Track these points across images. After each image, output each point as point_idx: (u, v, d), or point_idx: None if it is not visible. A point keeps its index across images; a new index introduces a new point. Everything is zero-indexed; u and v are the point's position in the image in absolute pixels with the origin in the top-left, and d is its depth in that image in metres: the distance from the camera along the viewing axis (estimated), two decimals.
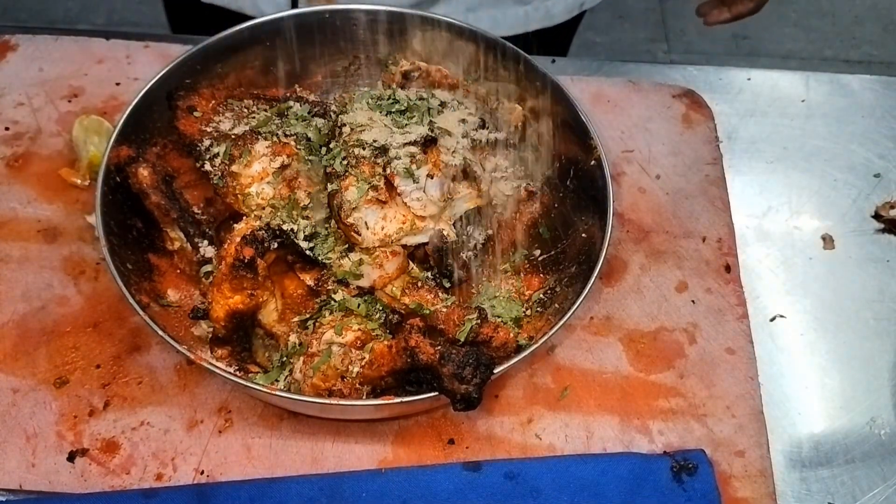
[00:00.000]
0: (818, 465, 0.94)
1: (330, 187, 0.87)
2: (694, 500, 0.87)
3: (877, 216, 1.13)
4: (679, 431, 0.93)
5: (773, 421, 0.95)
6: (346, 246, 0.89)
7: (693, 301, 1.03)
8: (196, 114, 0.94)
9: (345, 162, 0.87)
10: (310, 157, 0.92)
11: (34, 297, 0.97)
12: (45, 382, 0.92)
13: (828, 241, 1.11)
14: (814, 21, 3.06)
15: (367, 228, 0.86)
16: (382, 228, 0.86)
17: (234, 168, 0.89)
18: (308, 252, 0.87)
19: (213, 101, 0.96)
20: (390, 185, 0.86)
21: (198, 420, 0.90)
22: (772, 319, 1.04)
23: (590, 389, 0.95)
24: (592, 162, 0.95)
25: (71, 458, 0.87)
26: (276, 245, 0.84)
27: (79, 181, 1.06)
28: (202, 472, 0.87)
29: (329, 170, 0.88)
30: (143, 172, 0.89)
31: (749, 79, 1.28)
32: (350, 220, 0.85)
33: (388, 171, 0.85)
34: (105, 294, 0.98)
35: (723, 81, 1.28)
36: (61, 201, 1.05)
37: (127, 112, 0.93)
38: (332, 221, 0.90)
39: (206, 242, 0.92)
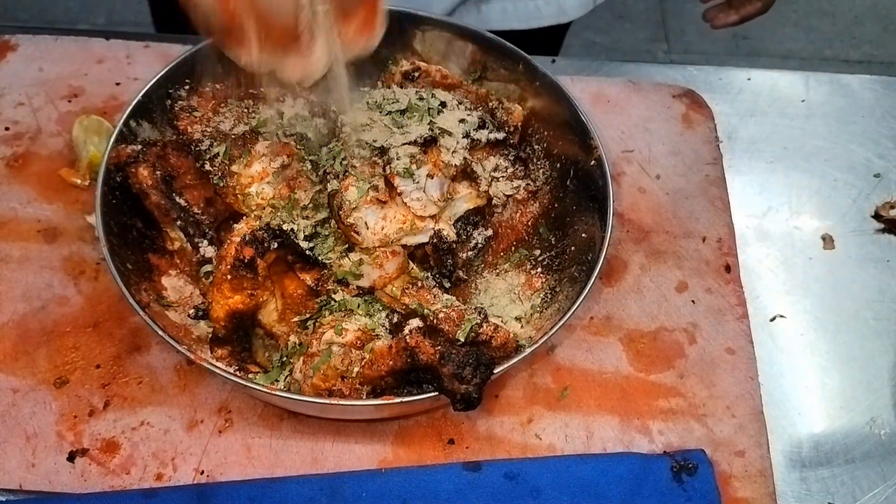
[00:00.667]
0: (818, 465, 0.94)
1: (330, 187, 0.87)
2: (694, 500, 0.87)
3: (877, 216, 1.13)
4: (679, 431, 0.93)
5: (773, 421, 0.95)
6: (346, 246, 0.89)
7: (693, 301, 1.03)
8: (196, 114, 0.94)
9: (345, 162, 0.87)
10: (310, 157, 0.92)
11: (34, 297, 0.97)
12: (45, 382, 0.92)
13: (828, 241, 1.11)
14: (814, 21, 3.06)
15: (367, 228, 0.86)
16: (382, 228, 0.86)
17: (234, 168, 0.89)
18: (308, 252, 0.87)
19: (213, 101, 0.96)
20: (390, 185, 0.86)
21: (198, 420, 0.90)
22: (772, 319, 1.04)
23: (590, 389, 0.95)
24: (592, 162, 0.95)
25: (71, 458, 0.87)
26: (276, 245, 0.84)
27: (79, 181, 1.06)
28: (202, 472, 0.87)
29: (329, 170, 0.88)
30: (143, 172, 0.89)
31: (749, 79, 1.28)
32: (350, 220, 0.85)
33: (388, 171, 0.85)
34: (105, 294, 0.98)
35: (723, 81, 1.28)
36: (61, 201, 1.05)
37: (127, 112, 0.93)
38: (332, 221, 0.90)
39: (205, 242, 0.92)
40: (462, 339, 0.84)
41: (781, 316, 1.05)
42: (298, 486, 0.85)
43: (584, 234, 0.95)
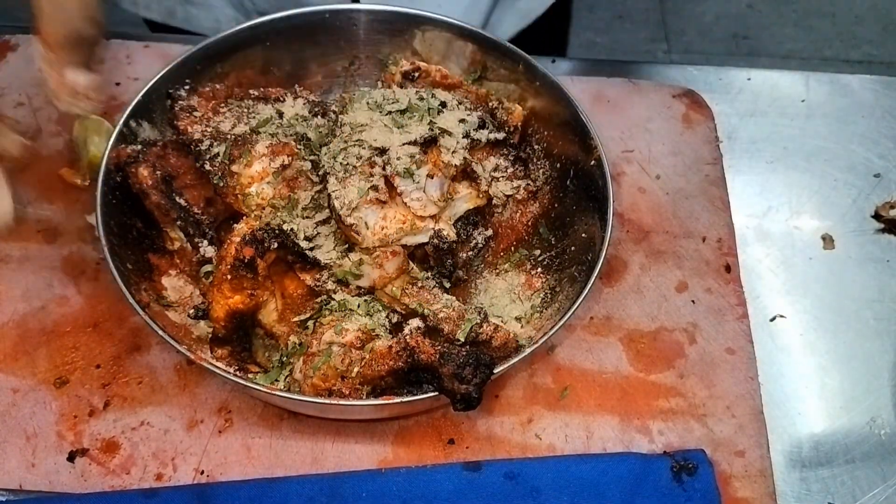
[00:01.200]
0: (818, 465, 0.94)
1: (329, 187, 0.87)
2: (694, 500, 0.87)
3: (877, 216, 1.13)
4: (679, 431, 0.93)
5: (773, 421, 0.95)
6: (346, 246, 0.89)
7: (693, 301, 1.03)
8: (196, 114, 0.94)
9: (345, 162, 0.87)
10: (310, 158, 0.92)
11: (34, 297, 0.97)
12: (45, 382, 0.92)
13: (828, 241, 1.11)
14: (814, 21, 3.06)
15: (367, 228, 0.86)
16: (382, 229, 0.86)
17: (234, 168, 0.89)
18: (308, 252, 0.87)
19: (214, 101, 0.96)
20: (390, 185, 0.86)
21: (198, 420, 0.90)
22: (772, 319, 1.04)
23: (590, 389, 0.95)
24: (592, 162, 0.95)
25: (71, 458, 0.87)
26: (275, 245, 0.84)
27: (79, 181, 1.06)
28: (202, 472, 0.87)
29: (329, 170, 0.88)
30: (143, 172, 0.89)
31: (749, 79, 1.28)
32: (350, 220, 0.85)
33: (388, 171, 0.85)
34: (105, 294, 0.98)
35: (723, 81, 1.28)
36: (61, 201, 1.05)
37: (127, 112, 0.93)
38: (333, 221, 0.89)
39: (205, 242, 0.92)
40: (462, 339, 0.84)
41: (781, 316, 1.05)
42: (298, 486, 0.85)
43: (584, 234, 0.95)
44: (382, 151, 0.87)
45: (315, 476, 0.87)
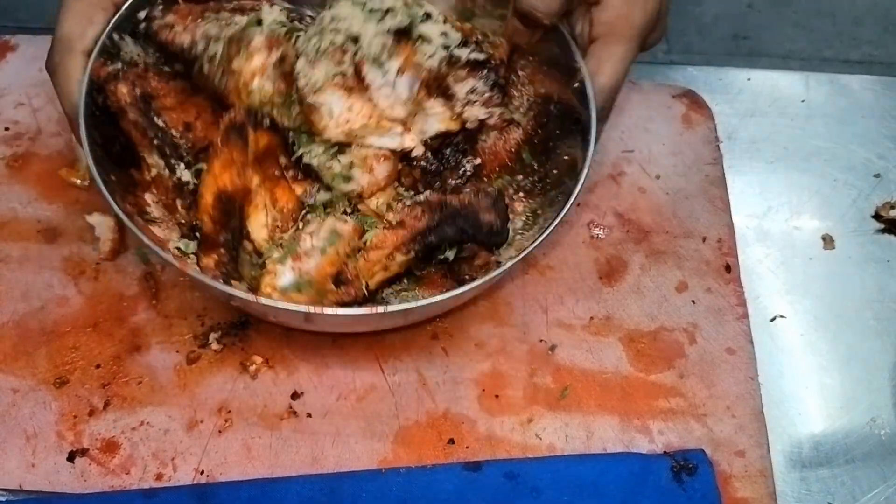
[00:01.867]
0: (818, 465, 0.94)
1: (297, 66, 0.86)
2: (694, 500, 0.87)
3: (877, 216, 1.13)
4: (679, 431, 0.93)
5: (773, 421, 0.95)
6: (336, 148, 0.89)
7: (693, 301, 1.03)
8: (176, 29, 0.92)
9: (318, 46, 0.86)
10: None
11: (34, 297, 0.97)
12: (45, 382, 0.92)
13: (828, 241, 1.11)
14: (814, 21, 3.06)
15: (332, 117, 0.85)
16: (347, 122, 0.86)
17: (234, 66, 0.88)
18: (294, 145, 0.88)
19: (190, 17, 0.93)
20: (359, 75, 0.85)
21: (198, 420, 0.90)
22: (772, 319, 1.04)
23: (590, 389, 0.95)
24: (576, 84, 0.93)
25: (71, 458, 0.87)
26: (268, 123, 0.85)
27: (79, 181, 1.06)
28: (202, 472, 0.87)
29: (300, 51, 0.87)
30: (123, 90, 0.87)
31: (749, 79, 1.28)
32: (313, 99, 0.85)
33: (359, 55, 0.85)
34: (105, 294, 0.98)
35: (723, 81, 1.28)
36: (61, 201, 1.05)
37: (110, 25, 0.89)
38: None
39: (182, 166, 0.90)
40: (451, 258, 0.89)
41: (781, 316, 1.05)
42: (298, 487, 0.85)
43: (566, 157, 0.95)
44: (356, 40, 0.86)
45: (315, 476, 0.87)
